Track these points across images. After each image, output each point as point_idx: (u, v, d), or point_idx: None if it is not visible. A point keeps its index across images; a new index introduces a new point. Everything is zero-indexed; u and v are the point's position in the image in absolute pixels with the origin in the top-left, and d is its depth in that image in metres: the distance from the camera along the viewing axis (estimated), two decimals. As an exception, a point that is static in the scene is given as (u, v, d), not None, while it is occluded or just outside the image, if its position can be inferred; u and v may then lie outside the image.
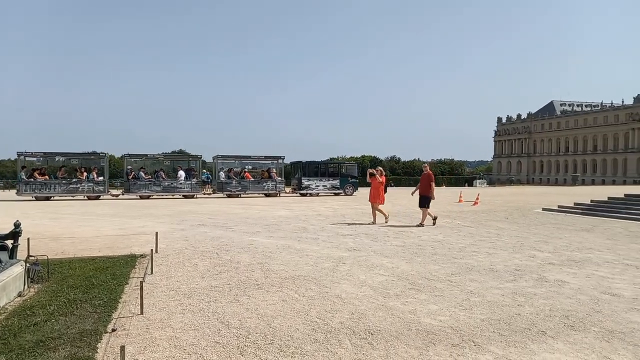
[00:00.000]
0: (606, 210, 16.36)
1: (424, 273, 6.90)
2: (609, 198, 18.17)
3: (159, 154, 28.30)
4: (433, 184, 12.91)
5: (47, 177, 24.35)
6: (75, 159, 25.80)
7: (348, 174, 30.20)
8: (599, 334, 4.42)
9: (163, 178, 26.23)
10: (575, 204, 18.20)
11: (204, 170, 31.66)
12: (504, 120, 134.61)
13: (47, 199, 24.08)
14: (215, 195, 28.32)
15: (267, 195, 28.08)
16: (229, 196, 27.26)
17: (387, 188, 14.24)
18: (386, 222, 13.19)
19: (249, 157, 29.52)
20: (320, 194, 29.60)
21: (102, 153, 26.24)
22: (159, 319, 4.72)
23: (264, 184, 28.03)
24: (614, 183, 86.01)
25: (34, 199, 23.91)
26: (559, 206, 18.17)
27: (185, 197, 26.24)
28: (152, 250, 7.09)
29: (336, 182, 29.48)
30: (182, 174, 26.51)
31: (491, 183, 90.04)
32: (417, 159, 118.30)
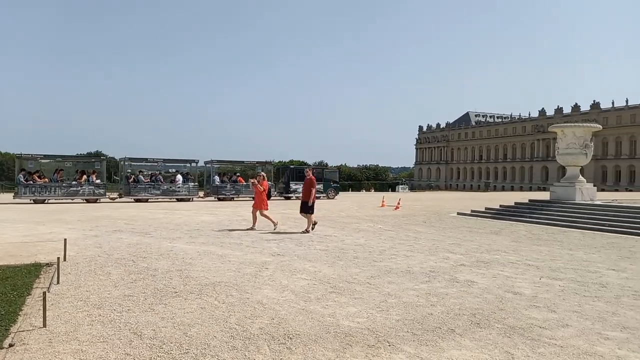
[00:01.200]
0: (513, 214, 17.69)
1: (345, 276, 7.04)
2: (515, 203, 19.67)
3: (158, 159, 28.35)
4: (314, 190, 12.51)
5: (47, 179, 23.74)
6: (71, 162, 26.18)
7: (330, 179, 31.80)
8: (502, 330, 4.76)
9: (161, 182, 26.53)
10: (486, 208, 19.49)
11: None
12: (424, 129, 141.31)
13: (43, 202, 23.33)
14: (208, 198, 28.27)
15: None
16: (220, 199, 27.74)
17: (271, 194, 13.91)
18: (275, 228, 12.69)
19: (242, 162, 31.47)
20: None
21: (101, 156, 26.53)
22: (64, 331, 4.40)
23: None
24: (521, 189, 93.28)
25: (32, 202, 23.07)
26: (472, 210, 19.36)
27: (181, 200, 26.29)
28: (58, 258, 6.60)
29: (320, 187, 30.41)
30: (179, 177, 27.02)
31: (412, 188, 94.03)
32: (344, 164, 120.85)
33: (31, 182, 23.14)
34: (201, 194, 28.93)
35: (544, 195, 21.34)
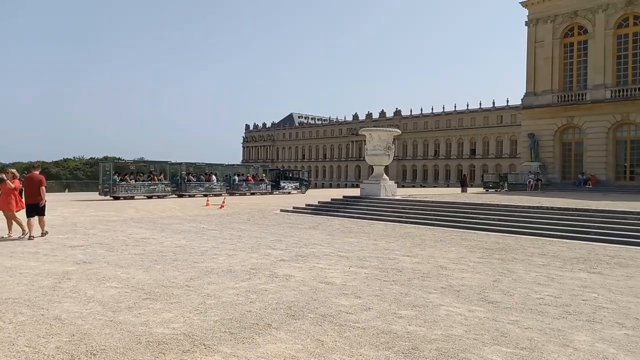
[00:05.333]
0: (330, 209, 19.10)
1: (162, 281, 6.68)
2: (331, 199, 21.26)
3: (202, 163, 35.36)
4: (44, 189, 10.88)
5: (134, 180, 28.39)
6: (141, 165, 32.47)
7: (302, 178, 43.05)
8: (314, 319, 5.07)
9: (204, 181, 32.67)
10: (306, 205, 20.64)
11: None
12: (251, 128, 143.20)
13: (132, 198, 27.61)
14: (225, 194, 33.07)
15: (261, 194, 35.75)
16: (230, 194, 33.55)
17: (22, 194, 11.29)
18: (23, 234, 10.77)
19: (252, 165, 44.41)
20: (290, 192, 38.94)
21: (170, 161, 32.50)
22: None
23: (260, 185, 37.09)
24: (338, 186, 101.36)
25: (111, 198, 26.66)
26: (293, 207, 20.29)
27: (216, 195, 31.79)
28: None
29: (297, 184, 40.72)
30: (214, 177, 33.34)
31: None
32: (169, 161, 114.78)
33: (123, 182, 27.55)
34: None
35: (357, 192, 23.51)
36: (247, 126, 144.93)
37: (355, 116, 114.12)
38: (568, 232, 12.44)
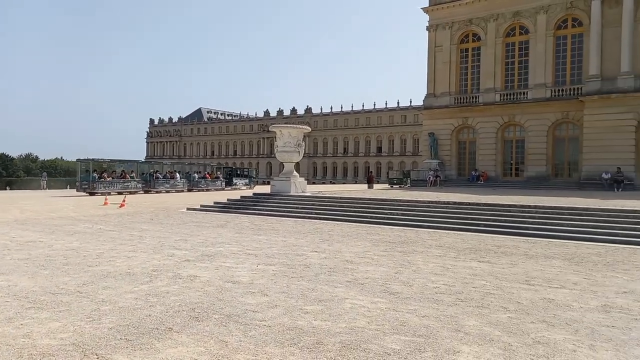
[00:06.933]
0: (239, 207, 18.80)
1: (50, 287, 6.11)
2: (241, 197, 20.94)
3: (168, 163, 42.08)
4: None
5: (111, 177, 31.28)
6: (115, 163, 36.31)
7: (250, 175, 47.33)
8: (219, 320, 4.94)
9: (170, 178, 35.41)
10: (214, 202, 20.13)
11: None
12: (156, 123, 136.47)
13: (109, 193, 28.57)
14: (187, 191, 35.66)
15: (216, 190, 37.81)
16: (189, 190, 36.01)
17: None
18: None
19: (210, 164, 50.52)
20: (240, 188, 41.03)
21: (138, 160, 38.22)
22: None
23: (216, 182, 39.91)
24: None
25: (87, 194, 28.51)
26: (201, 205, 19.68)
27: (177, 192, 34.65)
28: None
29: (247, 180, 44.95)
30: (177, 175, 36.59)
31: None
32: (60, 157, 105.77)
33: (102, 179, 29.63)
34: None
35: (268, 189, 23.38)
36: (152, 120, 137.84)
37: (267, 112, 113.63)
38: (462, 224, 13.43)
